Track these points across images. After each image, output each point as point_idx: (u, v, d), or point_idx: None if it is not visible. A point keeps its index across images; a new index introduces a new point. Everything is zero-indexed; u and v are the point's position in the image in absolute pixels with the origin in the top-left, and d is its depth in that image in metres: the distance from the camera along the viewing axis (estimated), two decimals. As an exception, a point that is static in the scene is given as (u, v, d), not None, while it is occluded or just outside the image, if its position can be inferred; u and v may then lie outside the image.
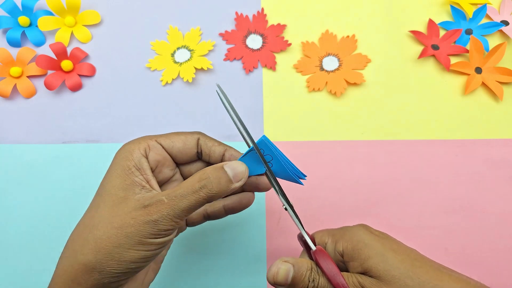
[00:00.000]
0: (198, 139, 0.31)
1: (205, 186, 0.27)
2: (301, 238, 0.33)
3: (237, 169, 0.29)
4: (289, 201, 0.31)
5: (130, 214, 0.26)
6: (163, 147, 0.31)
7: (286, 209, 0.31)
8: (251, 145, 0.30)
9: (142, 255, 0.26)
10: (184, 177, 0.33)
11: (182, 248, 0.43)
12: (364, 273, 0.28)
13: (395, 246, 0.29)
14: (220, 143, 0.32)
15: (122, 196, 0.27)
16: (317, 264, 0.29)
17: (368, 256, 0.28)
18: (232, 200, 0.33)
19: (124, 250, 0.26)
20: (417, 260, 0.28)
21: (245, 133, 0.30)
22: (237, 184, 0.29)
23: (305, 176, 0.32)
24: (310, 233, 0.33)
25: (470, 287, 0.27)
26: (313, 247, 0.30)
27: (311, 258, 0.31)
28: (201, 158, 0.32)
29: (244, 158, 0.30)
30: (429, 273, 0.27)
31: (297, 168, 0.31)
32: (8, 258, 0.43)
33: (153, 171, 0.30)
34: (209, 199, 0.28)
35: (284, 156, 0.30)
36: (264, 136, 0.29)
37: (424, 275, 0.27)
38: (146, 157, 0.29)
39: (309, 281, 0.28)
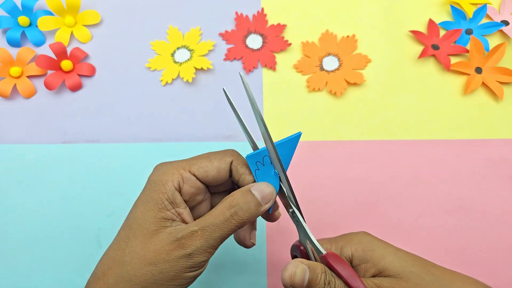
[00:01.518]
0: (231, 164, 0.30)
1: (235, 214, 0.27)
2: (298, 248, 0.32)
3: (265, 191, 0.28)
4: (298, 205, 0.30)
5: (164, 249, 0.26)
6: (197, 178, 0.29)
7: (293, 212, 0.30)
8: (256, 148, 0.29)
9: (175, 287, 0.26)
10: (212, 196, 0.33)
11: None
12: (378, 274, 0.28)
13: (404, 250, 0.29)
14: (250, 173, 0.30)
15: (153, 230, 0.27)
16: (331, 268, 0.28)
17: (382, 255, 0.28)
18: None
19: (159, 286, 0.26)
20: (428, 261, 0.29)
21: (269, 138, 0.29)
22: (266, 206, 0.28)
23: (299, 132, 0.30)
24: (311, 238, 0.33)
25: (479, 285, 0.28)
26: (323, 251, 0.29)
27: None
28: (231, 179, 0.31)
29: (256, 177, 0.29)
30: (441, 270, 0.28)
31: (289, 137, 0.30)
32: (8, 258, 0.43)
33: (186, 201, 0.29)
34: (241, 225, 0.27)
35: (278, 141, 0.29)
36: (248, 155, 0.28)
37: (438, 272, 0.28)
38: (179, 190, 0.29)
39: (325, 284, 0.27)
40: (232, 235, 0.30)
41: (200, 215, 0.31)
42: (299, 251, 0.32)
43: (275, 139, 0.29)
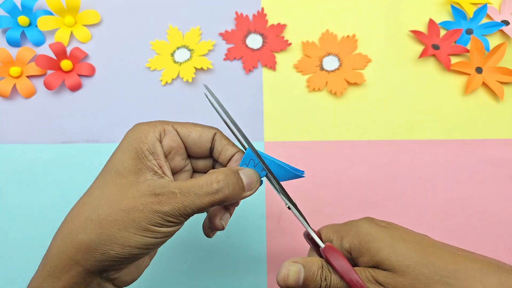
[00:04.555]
0: (215, 134, 0.30)
1: (221, 190, 0.27)
2: (307, 236, 0.32)
3: (252, 178, 0.28)
4: (292, 200, 0.30)
5: (140, 200, 0.25)
6: (178, 134, 0.29)
7: (289, 208, 0.30)
8: (246, 147, 0.30)
9: (147, 241, 0.26)
10: (193, 173, 0.33)
11: (182, 248, 0.43)
12: (376, 266, 0.27)
13: (405, 235, 0.27)
14: (233, 145, 0.31)
15: (132, 180, 0.26)
16: (328, 262, 0.28)
17: (378, 249, 0.27)
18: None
19: (130, 235, 0.25)
20: (430, 247, 0.27)
21: (242, 137, 0.29)
22: (248, 193, 0.28)
23: (303, 172, 0.31)
24: (316, 229, 0.33)
25: (488, 265, 0.25)
26: (321, 245, 0.29)
27: (320, 255, 0.31)
28: (211, 154, 0.31)
29: (243, 164, 0.30)
30: (443, 258, 0.26)
31: (293, 167, 0.31)
32: (8, 257, 0.43)
33: (165, 157, 0.29)
34: (221, 203, 0.27)
35: (277, 160, 0.30)
36: (248, 149, 0.29)
37: (439, 261, 0.25)
38: (160, 142, 0.28)
39: (321, 280, 0.27)
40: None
41: None
42: (309, 239, 0.32)
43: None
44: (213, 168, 0.32)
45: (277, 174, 0.30)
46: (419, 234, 0.28)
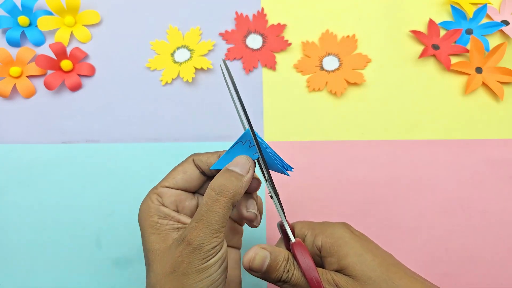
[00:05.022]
0: (193, 160, 0.32)
1: (221, 192, 0.28)
2: (281, 227, 0.33)
3: (239, 162, 0.29)
4: (275, 189, 0.31)
5: (177, 255, 0.27)
6: (169, 188, 0.31)
7: (271, 197, 0.31)
8: (246, 128, 0.30)
9: (207, 281, 0.27)
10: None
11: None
12: (339, 270, 0.28)
13: (374, 249, 0.29)
14: (213, 153, 0.32)
15: (164, 247, 0.28)
16: (294, 256, 0.29)
17: (347, 253, 0.28)
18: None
19: (190, 286, 0.26)
20: (394, 266, 0.28)
21: (244, 116, 0.30)
22: (248, 175, 0.29)
23: (292, 168, 0.32)
24: (291, 222, 0.33)
25: None
26: (292, 239, 0.30)
27: (288, 248, 0.31)
28: (207, 175, 0.33)
29: (232, 150, 0.30)
30: (403, 279, 0.27)
31: (283, 161, 0.31)
32: (8, 258, 0.43)
33: (177, 211, 0.31)
34: (232, 200, 0.28)
35: (270, 148, 0.30)
36: (248, 129, 0.29)
37: (399, 281, 0.27)
38: (163, 205, 0.30)
39: (284, 271, 0.28)
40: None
41: None
42: (281, 230, 0.33)
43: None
44: None
45: (268, 162, 0.31)
46: (386, 252, 0.30)
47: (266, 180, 0.30)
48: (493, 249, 0.43)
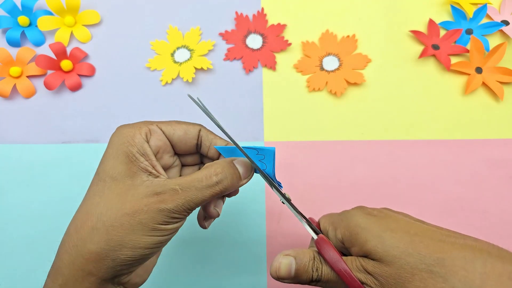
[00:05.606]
0: (200, 130, 0.31)
1: (221, 181, 0.27)
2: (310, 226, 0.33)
3: (246, 166, 0.29)
4: (285, 195, 0.31)
5: (143, 201, 0.26)
6: (164, 133, 0.30)
7: (283, 203, 0.31)
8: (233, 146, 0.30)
9: (156, 240, 0.26)
10: (182, 168, 0.33)
11: (182, 248, 0.43)
12: (365, 256, 0.28)
13: (393, 225, 0.28)
14: (220, 138, 0.31)
15: (129, 183, 0.27)
16: (319, 253, 0.28)
17: (366, 239, 0.27)
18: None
19: (138, 237, 0.26)
20: (417, 235, 0.26)
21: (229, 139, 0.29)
22: (244, 181, 0.29)
23: (281, 185, 0.32)
24: (316, 219, 0.33)
25: (474, 252, 0.24)
26: (314, 236, 0.29)
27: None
28: (199, 150, 0.32)
29: (244, 149, 0.30)
30: (430, 246, 0.25)
31: (273, 176, 0.31)
32: (8, 258, 0.43)
33: (155, 156, 0.29)
34: (221, 194, 0.28)
35: (259, 161, 0.30)
36: (271, 151, 0.29)
37: (425, 250, 0.25)
38: (148, 142, 0.29)
39: (312, 271, 0.28)
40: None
41: None
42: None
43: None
44: (202, 162, 0.33)
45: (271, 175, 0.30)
46: (409, 222, 0.28)
47: (272, 187, 0.30)
48: (493, 249, 0.43)
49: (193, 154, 0.33)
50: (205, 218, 0.32)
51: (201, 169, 0.28)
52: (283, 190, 0.31)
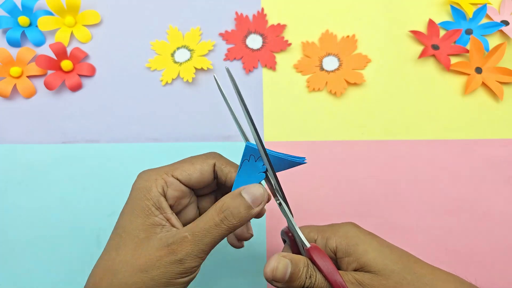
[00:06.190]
0: (214, 165, 0.31)
1: (225, 219, 0.27)
2: (286, 234, 0.32)
3: (255, 193, 0.28)
4: (285, 198, 0.30)
5: (154, 255, 0.26)
6: (180, 182, 0.30)
7: (280, 204, 0.30)
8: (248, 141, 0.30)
9: None
10: (198, 199, 0.33)
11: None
12: (359, 269, 0.28)
13: (390, 245, 0.29)
14: (235, 167, 0.31)
15: (143, 237, 0.27)
16: (312, 261, 0.28)
17: (365, 251, 0.28)
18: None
19: None
20: (412, 257, 0.29)
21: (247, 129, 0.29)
22: (257, 209, 0.28)
23: (304, 158, 0.31)
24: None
25: (462, 282, 0.28)
26: (307, 244, 0.29)
27: (297, 254, 0.31)
28: (216, 181, 0.32)
29: (241, 171, 0.29)
30: (424, 268, 0.28)
31: (293, 156, 0.30)
32: (8, 258, 0.43)
33: (172, 207, 0.29)
34: (232, 230, 0.27)
35: (276, 152, 0.30)
36: (246, 145, 0.29)
37: (421, 270, 0.28)
38: (164, 195, 0.29)
39: (306, 277, 0.28)
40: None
41: (187, 219, 0.31)
42: (288, 237, 0.32)
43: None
44: (218, 188, 0.33)
45: (278, 165, 0.30)
46: (399, 247, 0.30)
47: (274, 188, 0.30)
48: (493, 249, 0.43)
49: (211, 184, 0.32)
50: (239, 240, 0.32)
51: (209, 209, 0.28)
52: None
